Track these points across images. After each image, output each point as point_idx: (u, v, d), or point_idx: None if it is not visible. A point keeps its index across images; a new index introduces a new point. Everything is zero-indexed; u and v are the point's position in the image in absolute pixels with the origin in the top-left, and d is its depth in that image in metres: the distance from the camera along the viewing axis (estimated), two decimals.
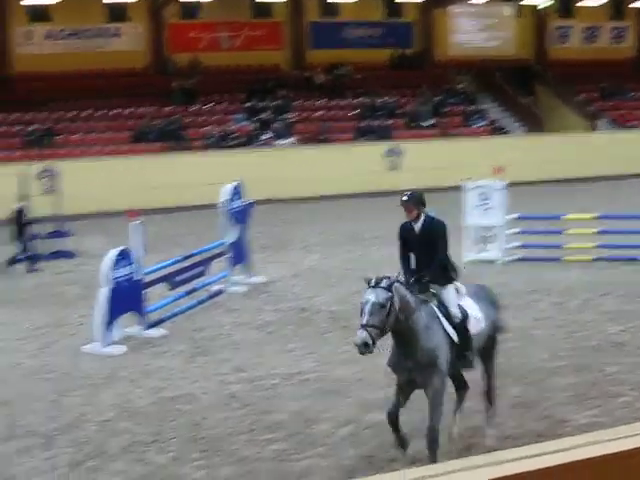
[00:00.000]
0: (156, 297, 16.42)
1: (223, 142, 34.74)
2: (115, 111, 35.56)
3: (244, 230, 19.25)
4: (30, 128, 33.88)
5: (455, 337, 9.61)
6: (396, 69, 40.81)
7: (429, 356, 9.34)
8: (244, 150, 34.25)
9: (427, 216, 10.08)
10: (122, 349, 14.54)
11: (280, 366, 13.31)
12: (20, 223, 21.78)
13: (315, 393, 12.15)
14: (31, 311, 17.53)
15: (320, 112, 37.40)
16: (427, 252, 9.89)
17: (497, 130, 38.87)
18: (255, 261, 19.56)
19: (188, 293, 17.11)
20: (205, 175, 30.07)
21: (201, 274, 17.64)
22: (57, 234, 23.42)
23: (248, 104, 37.11)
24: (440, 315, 9.66)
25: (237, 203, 19.09)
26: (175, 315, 16.21)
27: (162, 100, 36.17)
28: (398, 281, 9.36)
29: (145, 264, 15.82)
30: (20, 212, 21.83)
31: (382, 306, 8.96)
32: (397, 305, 9.04)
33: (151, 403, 12.07)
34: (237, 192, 19.24)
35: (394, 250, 22.32)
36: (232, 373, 13.13)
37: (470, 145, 35.67)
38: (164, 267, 16.83)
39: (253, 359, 13.75)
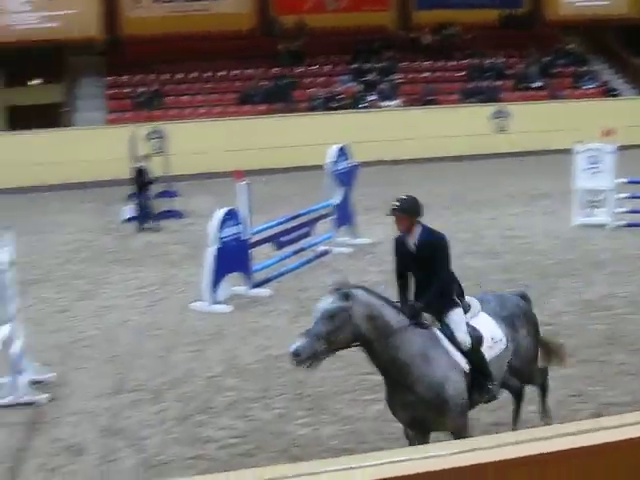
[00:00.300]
0: (262, 257, 16.60)
1: (329, 104, 34.72)
2: (222, 73, 35.85)
3: (349, 191, 19.27)
4: (139, 90, 34.42)
5: (465, 366, 8.05)
6: (505, 29, 40.11)
7: (434, 390, 7.83)
8: (349, 112, 34.18)
9: (424, 229, 8.41)
10: (229, 308, 14.76)
11: None
12: (140, 182, 22.31)
13: None
14: (140, 269, 17.93)
15: (426, 73, 37.06)
16: (426, 273, 8.20)
17: (608, 92, 37.93)
18: (360, 222, 19.59)
19: (294, 253, 17.25)
20: (311, 136, 30.15)
21: (307, 235, 17.75)
22: (166, 194, 23.83)
23: (354, 65, 36.99)
24: (443, 338, 8.08)
25: (342, 165, 19.12)
26: (281, 275, 16.37)
27: (268, 62, 36.29)
28: (366, 289, 7.94)
29: (251, 224, 15.99)
30: (140, 172, 22.36)
31: (331, 316, 7.58)
32: (358, 318, 7.62)
33: (257, 361, 12.25)
34: (343, 154, 19.27)
35: (500, 214, 22.21)
36: None
37: (580, 107, 34.86)
38: (270, 227, 16.98)
39: None
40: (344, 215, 18.95)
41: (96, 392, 11.33)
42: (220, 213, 15.10)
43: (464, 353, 8.06)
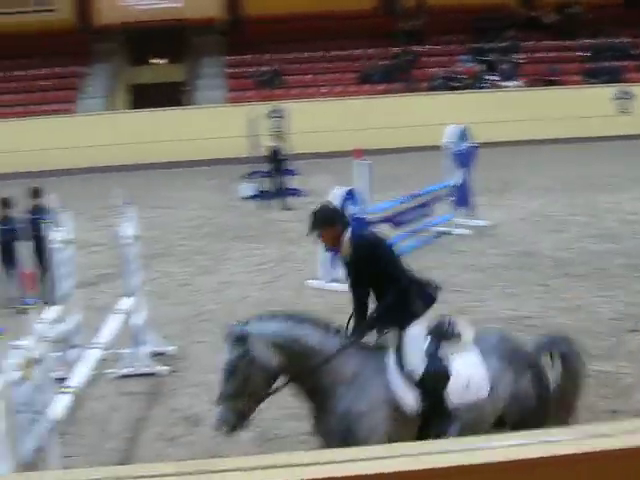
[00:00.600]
0: None
1: (448, 83, 34.44)
2: (342, 52, 35.86)
3: (468, 172, 19.12)
4: (259, 69, 34.72)
5: (410, 403, 6.78)
6: (630, 8, 39.02)
7: (344, 423, 6.74)
8: (469, 92, 33.85)
9: (353, 235, 7.23)
10: (345, 285, 14.80)
11: (502, 310, 13.22)
12: (276, 160, 22.72)
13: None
14: (260, 246, 18.18)
15: (548, 53, 36.38)
16: (375, 284, 7.14)
17: None
18: (479, 204, 19.42)
19: (412, 233, 17.22)
20: (430, 116, 29.97)
21: (425, 215, 17.70)
22: (286, 172, 24.01)
23: (474, 45, 36.58)
24: (392, 363, 6.88)
25: (462, 145, 18.98)
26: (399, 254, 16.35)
27: (388, 41, 36.15)
28: (273, 316, 6.95)
29: (370, 203, 16.01)
30: (276, 150, 22.77)
31: (233, 368, 6.64)
32: (263, 355, 6.63)
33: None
34: (462, 134, 19.13)
35: (621, 198, 21.69)
36: (454, 315, 13.12)
37: None
38: (389, 207, 16.98)
39: (475, 301, 13.72)
40: (463, 196, 18.83)
41: (215, 365, 11.53)
42: (339, 192, 15.16)
43: (418, 385, 6.82)
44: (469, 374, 6.94)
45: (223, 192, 24.79)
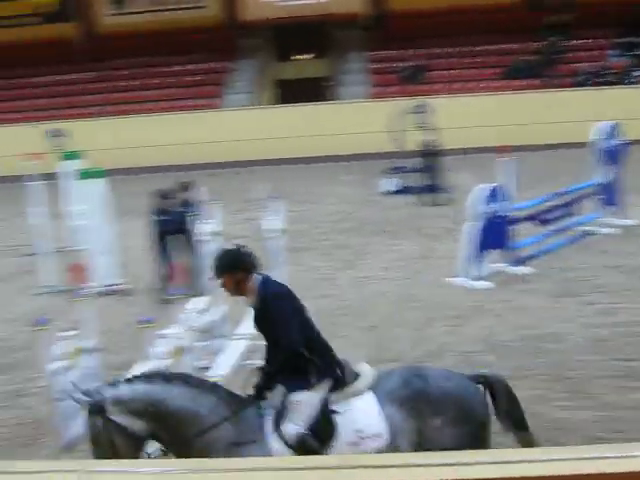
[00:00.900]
0: (525, 234, 16.39)
1: (595, 79, 33.67)
2: (486, 47, 35.48)
3: (618, 171, 18.64)
4: (403, 64, 34.67)
5: None
6: None
7: None
8: (617, 87, 32.98)
9: (261, 283, 6.60)
10: (488, 284, 14.69)
11: None
12: (427, 155, 22.76)
13: None
14: (400, 241, 18.18)
15: None
16: (274, 343, 6.54)
17: None
18: (628, 203, 18.92)
19: (558, 232, 16.93)
20: (575, 112, 29.39)
21: (571, 213, 17.36)
22: (435, 168, 23.93)
23: (624, 39, 35.61)
24: (270, 430, 6.34)
25: (611, 142, 18.53)
26: (544, 253, 16.12)
27: (534, 36, 35.60)
28: (144, 376, 6.37)
29: (514, 200, 15.82)
30: (428, 145, 22.84)
31: (97, 440, 6.11)
32: (126, 421, 6.09)
33: (515, 339, 12.12)
34: (611, 131, 18.68)
35: None
36: (598, 316, 12.87)
37: None
38: (533, 205, 16.74)
39: (621, 303, 13.37)
40: (611, 195, 18.38)
41: (355, 360, 11.59)
42: (482, 188, 15.03)
43: (297, 448, 6.24)
44: (361, 424, 6.39)
45: (364, 187, 24.91)
